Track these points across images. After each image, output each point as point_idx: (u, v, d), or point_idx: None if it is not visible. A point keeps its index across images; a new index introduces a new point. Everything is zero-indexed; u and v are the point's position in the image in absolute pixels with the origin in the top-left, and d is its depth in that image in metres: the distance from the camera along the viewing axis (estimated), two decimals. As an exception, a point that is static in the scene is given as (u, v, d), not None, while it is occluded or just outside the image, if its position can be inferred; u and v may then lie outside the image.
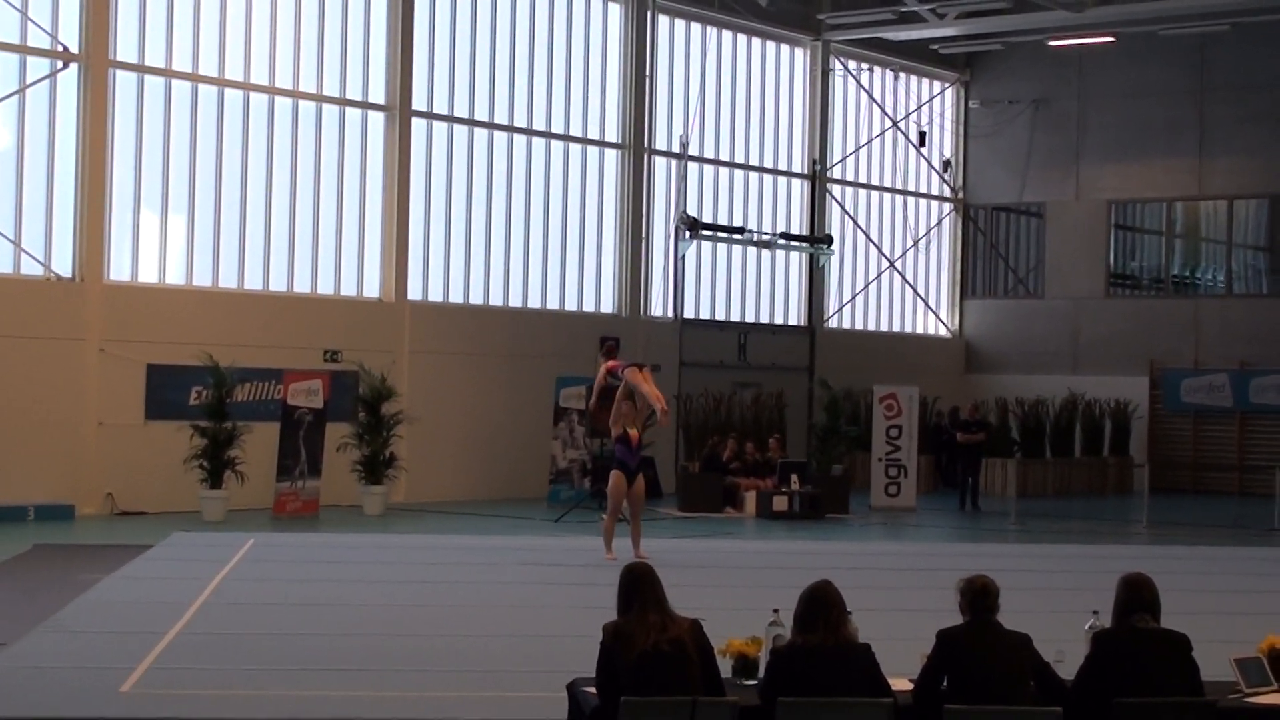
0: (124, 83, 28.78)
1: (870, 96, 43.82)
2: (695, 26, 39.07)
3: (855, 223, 43.61)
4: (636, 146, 37.16)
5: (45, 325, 27.32)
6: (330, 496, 29.35)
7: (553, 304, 35.81)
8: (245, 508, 27.88)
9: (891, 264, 44.73)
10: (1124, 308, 44.63)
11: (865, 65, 43.67)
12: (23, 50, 27.66)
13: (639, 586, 8.91)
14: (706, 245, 38.88)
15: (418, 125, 33.02)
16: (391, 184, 32.41)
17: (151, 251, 29.39)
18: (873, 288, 44.38)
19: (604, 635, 8.74)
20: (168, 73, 29.37)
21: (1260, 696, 9.53)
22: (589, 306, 36.56)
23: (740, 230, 39.16)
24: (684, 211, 37.73)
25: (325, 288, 31.79)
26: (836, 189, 43.00)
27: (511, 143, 34.98)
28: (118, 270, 28.79)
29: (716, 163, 39.75)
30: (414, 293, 32.96)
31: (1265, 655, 9.85)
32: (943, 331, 46.57)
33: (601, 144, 36.81)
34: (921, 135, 45.17)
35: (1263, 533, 30.22)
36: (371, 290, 32.45)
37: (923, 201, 46.01)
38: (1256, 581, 22.24)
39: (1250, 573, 23.45)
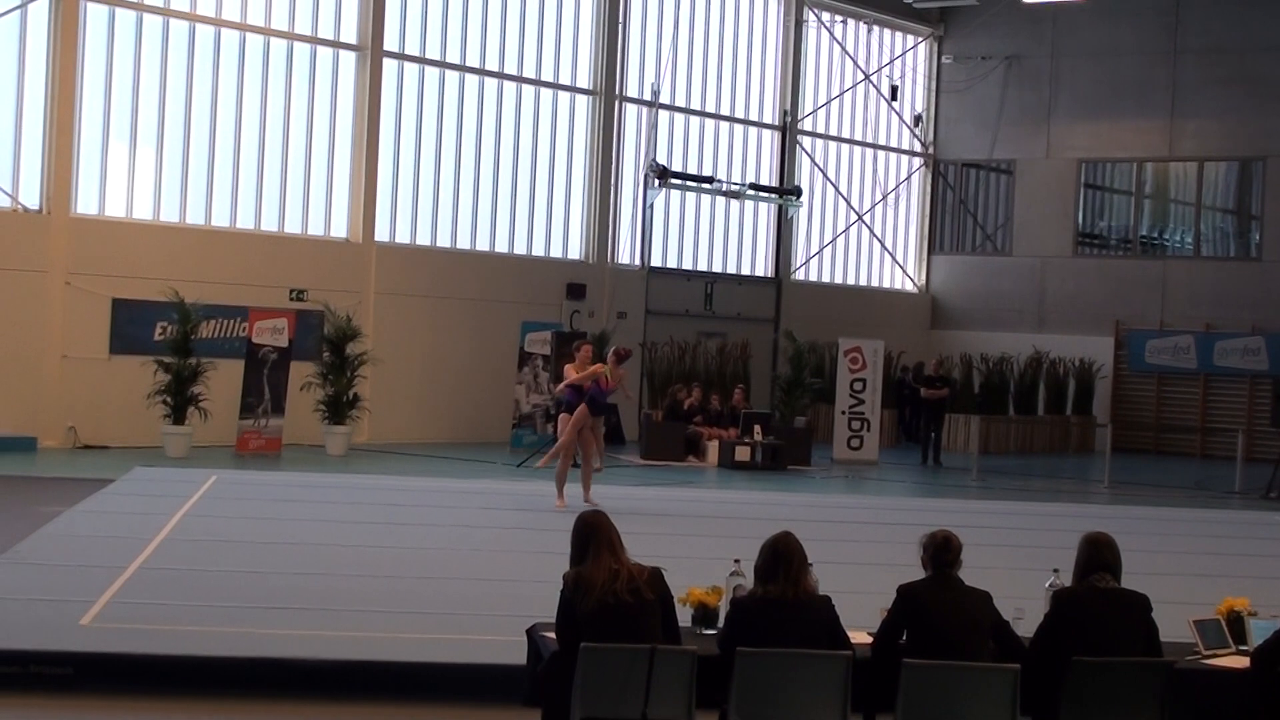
0: (95, 15, 28.58)
1: (843, 49, 43.74)
2: (670, -26, 38.97)
3: (825, 175, 43.57)
4: (608, 93, 37.05)
5: (10, 257, 27.21)
6: (293, 435, 29.32)
7: (520, 249, 35.73)
8: (208, 444, 27.87)
9: (860, 217, 44.72)
10: (1091, 267, 44.69)
11: (839, 17, 43.58)
12: (-7, -20, 27.50)
13: (594, 534, 8.83)
14: (675, 194, 38.84)
15: (389, 66, 32.87)
16: (361, 124, 32.29)
17: (119, 185, 29.23)
18: (840, 241, 44.36)
19: (564, 583, 8.70)
20: (139, 6, 29.17)
21: (1218, 658, 9.62)
22: (556, 253, 36.48)
23: (709, 180, 39.14)
24: (654, 160, 37.67)
25: (293, 227, 31.69)
26: (807, 141, 42.94)
27: (483, 86, 34.85)
28: (85, 203, 28.63)
29: (687, 111, 39.65)
30: (381, 234, 32.86)
31: (1223, 617, 9.93)
32: (909, 286, 46.59)
33: (573, 90, 36.69)
34: (893, 89, 45.09)
35: (1223, 495, 30.34)
36: (339, 230, 32.35)
37: (893, 156, 45.97)
38: (1216, 544, 22.33)
39: (1210, 535, 23.54)
